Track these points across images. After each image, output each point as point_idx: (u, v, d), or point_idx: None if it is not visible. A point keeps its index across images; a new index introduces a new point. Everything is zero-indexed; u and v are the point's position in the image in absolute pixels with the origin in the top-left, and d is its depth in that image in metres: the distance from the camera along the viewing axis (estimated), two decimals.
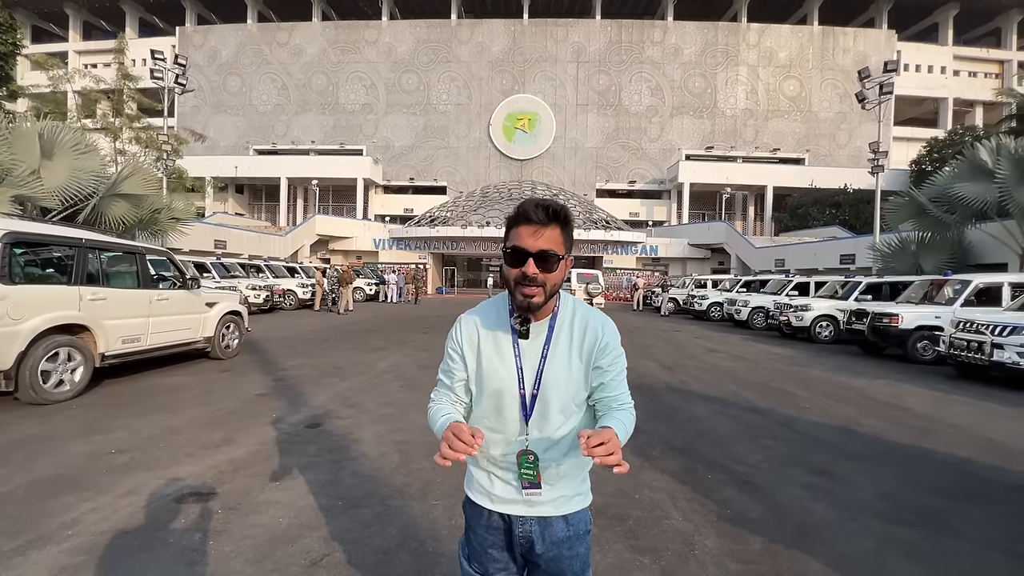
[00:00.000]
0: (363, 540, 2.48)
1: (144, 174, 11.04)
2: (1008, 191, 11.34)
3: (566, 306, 1.14)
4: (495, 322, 1.13)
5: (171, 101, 20.64)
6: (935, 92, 38.60)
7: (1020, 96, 21.67)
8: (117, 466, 3.33)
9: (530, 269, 1.01)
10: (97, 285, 5.38)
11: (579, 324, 1.12)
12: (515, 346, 1.10)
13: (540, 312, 1.09)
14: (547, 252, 1.01)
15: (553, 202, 1.05)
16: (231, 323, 7.63)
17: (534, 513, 1.12)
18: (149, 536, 2.46)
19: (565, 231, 1.06)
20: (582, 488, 1.16)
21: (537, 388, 1.08)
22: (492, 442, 1.12)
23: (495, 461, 1.14)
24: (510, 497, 1.12)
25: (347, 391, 5.68)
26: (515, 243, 1.04)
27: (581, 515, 1.15)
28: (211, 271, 14.29)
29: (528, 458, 1.08)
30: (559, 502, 1.12)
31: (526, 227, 1.03)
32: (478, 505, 1.16)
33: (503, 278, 1.09)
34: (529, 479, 1.08)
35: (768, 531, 2.68)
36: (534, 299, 1.03)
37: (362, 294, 22.25)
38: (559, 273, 1.05)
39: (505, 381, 1.09)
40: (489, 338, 1.12)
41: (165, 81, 19.42)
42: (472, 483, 1.19)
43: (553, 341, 1.10)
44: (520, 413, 1.09)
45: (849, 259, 21.29)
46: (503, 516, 1.14)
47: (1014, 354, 6.73)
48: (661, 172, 39.13)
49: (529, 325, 1.07)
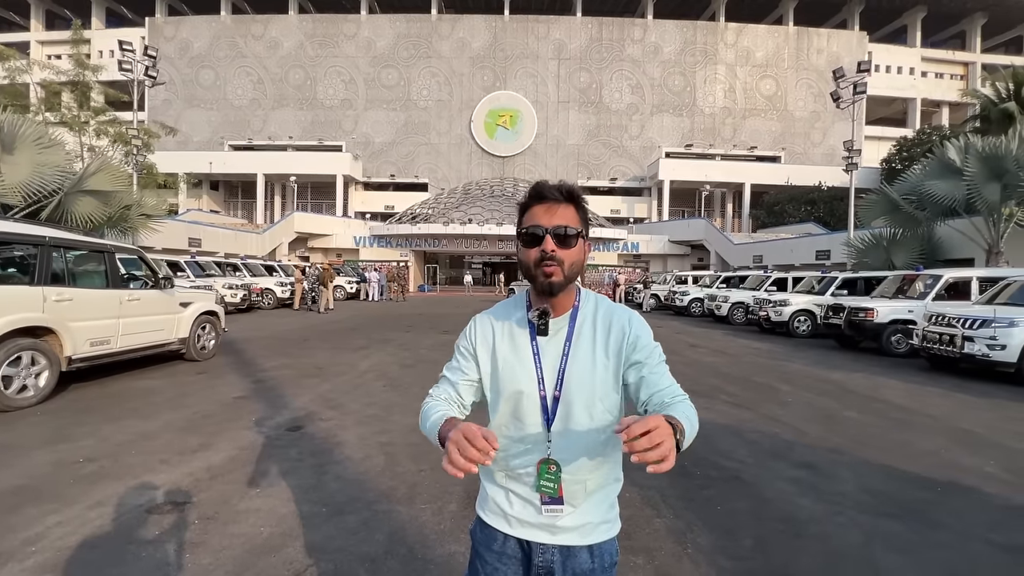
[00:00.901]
0: (349, 548, 2.39)
1: (112, 169, 10.62)
2: (976, 188, 11.72)
3: (588, 301, 1.06)
4: (512, 320, 1.06)
5: (141, 94, 19.93)
6: (904, 92, 39.78)
7: (984, 97, 22.45)
8: (85, 475, 3.16)
9: (548, 245, 0.95)
10: (63, 285, 5.13)
11: (603, 318, 1.03)
12: (534, 343, 1.02)
13: (559, 307, 1.02)
14: (564, 228, 0.97)
15: (567, 182, 1.02)
16: (207, 323, 7.39)
17: (557, 541, 1.00)
18: (120, 550, 2.33)
19: (580, 210, 1.01)
20: (610, 515, 1.04)
21: (559, 389, 0.99)
22: (512, 453, 1.02)
23: (514, 475, 1.02)
24: (530, 519, 1.01)
25: (329, 392, 5.55)
26: (531, 223, 0.99)
27: (608, 546, 1.02)
28: (185, 270, 13.89)
29: (549, 468, 0.98)
30: (585, 529, 1.00)
31: (540, 206, 0.99)
32: (492, 528, 1.04)
33: (520, 265, 1.02)
34: (549, 492, 0.98)
35: (758, 526, 2.68)
36: (554, 278, 0.96)
37: (343, 292, 21.91)
38: (578, 251, 0.99)
39: (524, 382, 1.00)
40: (505, 337, 1.05)
41: (134, 73, 18.74)
42: (486, 503, 1.06)
43: (575, 337, 1.02)
44: (541, 417, 1.00)
45: (824, 255, 21.81)
46: (521, 543, 1.02)
47: (983, 346, 6.94)
48: (642, 169, 39.50)
49: (548, 319, 0.99)
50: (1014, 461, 3.76)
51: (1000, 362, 6.79)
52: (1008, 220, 12.29)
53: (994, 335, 6.85)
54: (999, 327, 6.84)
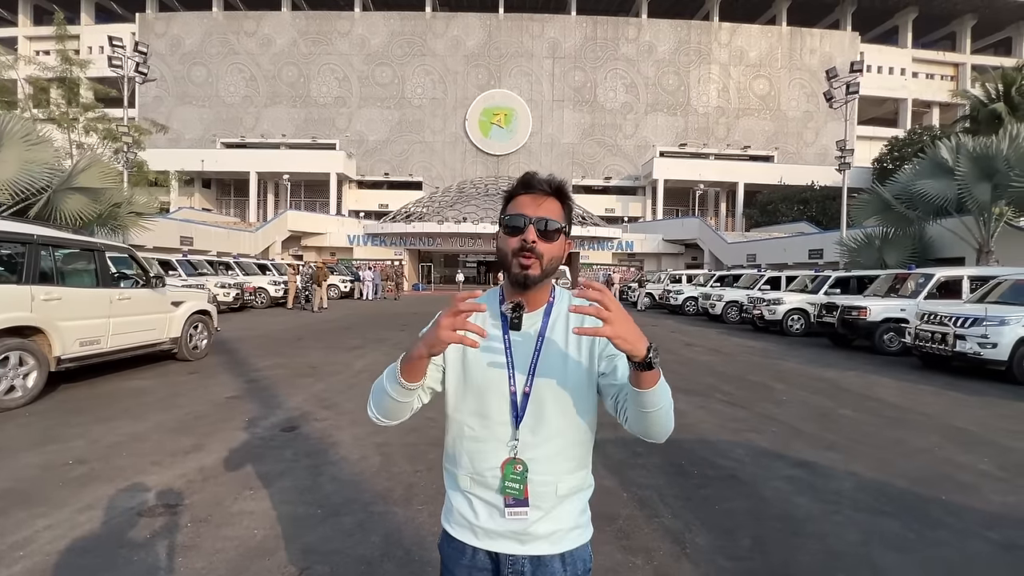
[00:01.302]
0: (345, 550, 2.36)
1: (102, 166, 10.48)
2: (968, 188, 11.82)
3: (562, 297, 1.04)
4: (484, 313, 1.01)
5: (131, 91, 19.69)
6: (895, 93, 40.09)
7: (974, 98, 22.69)
8: (75, 478, 3.11)
9: (530, 235, 0.93)
10: (51, 284, 5.05)
11: (576, 315, 1.00)
12: (506, 337, 0.99)
13: (534, 301, 0.99)
14: (548, 220, 0.95)
15: (554, 176, 1.00)
16: (199, 323, 7.31)
17: (527, 551, 0.95)
18: (111, 553, 2.29)
19: (565, 206, 0.99)
20: (582, 519, 1.00)
21: (530, 386, 0.95)
22: (478, 453, 0.97)
23: (481, 479, 0.96)
24: (498, 529, 0.96)
25: (323, 392, 5.50)
26: (515, 211, 0.97)
27: (580, 553, 0.98)
28: (177, 269, 13.75)
29: (515, 468, 0.93)
30: (555, 537, 0.96)
31: (526, 196, 0.97)
32: (459, 542, 0.99)
33: (498, 253, 0.99)
34: (514, 494, 0.93)
35: (756, 526, 2.68)
36: (530, 271, 0.93)
37: (337, 291, 21.78)
38: (558, 247, 0.97)
39: (493, 376, 0.96)
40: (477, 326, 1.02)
41: (124, 70, 18.51)
42: (451, 515, 1.01)
43: (548, 332, 0.98)
44: (510, 415, 0.95)
45: (817, 254, 21.95)
46: (490, 555, 0.97)
47: (975, 344, 7.00)
48: (636, 168, 39.56)
49: (522, 312, 0.94)
50: (1008, 459, 3.79)
51: (991, 360, 6.85)
52: (998, 220, 12.41)
53: (985, 333, 6.91)
54: (990, 325, 6.90)
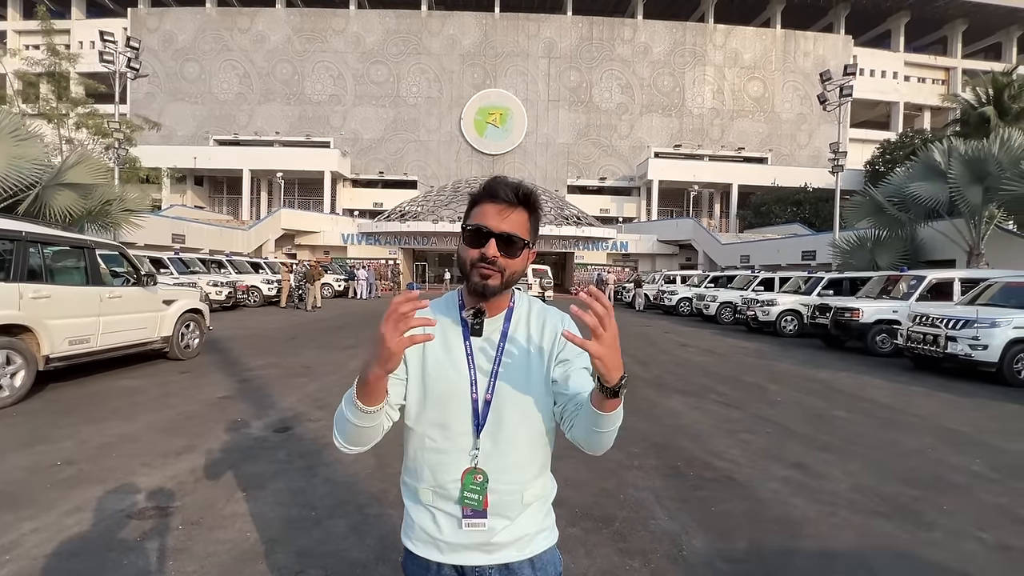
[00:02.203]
0: (339, 553, 2.34)
1: (92, 162, 10.34)
2: (959, 191, 11.94)
3: (522, 302, 1.01)
4: (445, 319, 0.98)
5: (123, 87, 19.46)
6: (888, 96, 40.45)
7: (964, 102, 22.96)
8: (63, 479, 3.05)
9: (491, 251, 0.88)
10: (40, 282, 4.98)
11: (536, 318, 0.99)
12: (467, 343, 0.95)
13: (494, 306, 0.96)
14: (511, 236, 0.90)
15: (523, 184, 0.94)
16: (191, 322, 7.23)
17: (494, 560, 0.92)
18: (100, 557, 2.25)
19: (532, 217, 0.95)
20: (546, 523, 0.98)
21: (491, 392, 0.93)
22: (439, 466, 0.93)
23: (443, 492, 0.93)
24: (463, 541, 0.92)
25: (317, 392, 5.46)
26: (477, 221, 0.91)
27: (548, 556, 0.97)
28: (169, 267, 13.60)
29: (475, 478, 0.90)
30: (522, 543, 0.94)
31: (491, 205, 0.91)
32: (422, 559, 0.94)
33: (458, 259, 0.95)
34: (472, 504, 0.90)
35: (752, 528, 2.68)
36: (489, 281, 0.90)
37: (331, 290, 21.67)
38: (520, 262, 0.92)
39: (455, 384, 0.93)
40: (438, 335, 0.96)
41: (116, 65, 18.28)
42: (412, 530, 0.96)
43: (509, 337, 0.96)
44: (471, 423, 0.92)
45: (810, 255, 22.08)
46: (456, 568, 0.94)
47: (966, 346, 7.07)
48: (631, 169, 39.65)
49: (483, 318, 0.92)
50: (999, 460, 3.82)
51: (982, 362, 6.92)
52: (989, 222, 12.55)
53: (976, 335, 6.98)
54: (981, 327, 6.98)
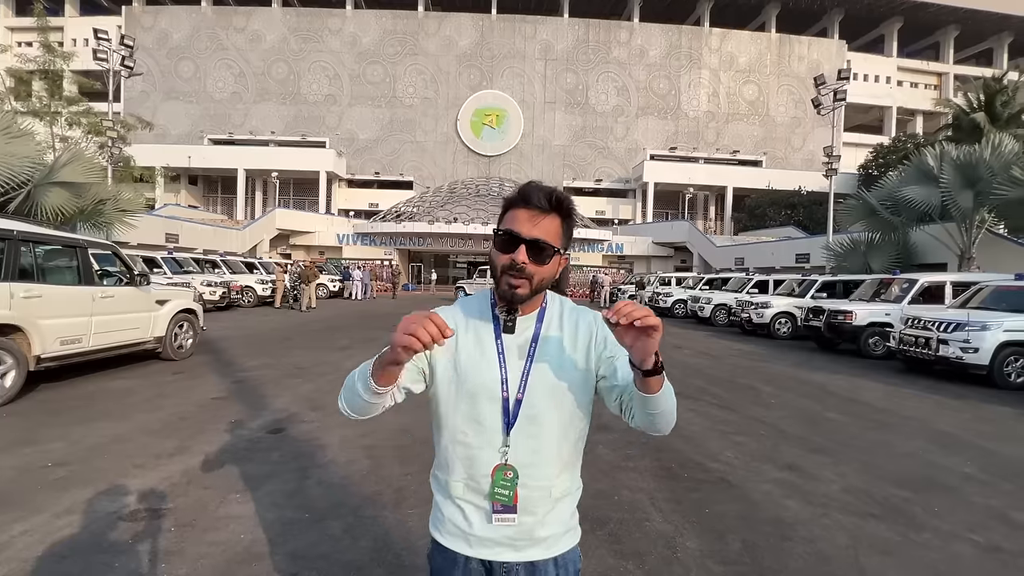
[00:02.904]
0: (333, 555, 2.33)
1: (85, 161, 10.24)
2: (951, 195, 12.06)
3: (554, 302, 1.02)
4: (477, 316, 1.00)
5: (116, 85, 19.34)
6: (881, 101, 40.80)
7: (957, 107, 23.21)
8: (54, 481, 3.03)
9: (520, 257, 0.89)
10: (31, 281, 4.94)
11: (569, 319, 1.00)
12: (498, 341, 0.96)
13: (527, 306, 0.97)
14: (542, 242, 0.90)
15: (558, 190, 0.94)
16: (184, 322, 7.19)
17: (522, 558, 0.94)
18: (90, 560, 2.23)
19: (565, 223, 0.95)
20: (572, 522, 1.01)
21: (522, 391, 0.93)
22: (471, 460, 0.95)
23: (475, 486, 0.95)
24: (493, 536, 0.94)
25: (312, 393, 5.43)
26: (509, 227, 0.92)
27: (571, 555, 0.99)
28: (162, 266, 13.52)
29: (505, 474, 0.92)
30: (550, 541, 0.96)
31: (524, 211, 0.92)
32: (450, 551, 0.96)
33: (490, 263, 0.97)
34: (503, 500, 0.91)
35: (746, 529, 2.69)
36: (518, 290, 0.91)
37: (325, 291, 21.59)
38: (551, 268, 0.93)
39: (485, 382, 0.94)
40: (470, 332, 0.98)
41: (110, 63, 18.17)
42: (442, 523, 0.98)
43: (542, 336, 0.97)
44: (501, 420, 0.93)
45: (804, 258, 22.23)
46: (484, 563, 0.95)
47: (957, 349, 7.14)
48: (627, 171, 39.77)
49: (515, 316, 0.93)
50: (990, 461, 3.86)
51: (973, 364, 6.99)
52: (980, 226, 12.67)
53: (967, 338, 7.05)
54: (972, 330, 7.04)
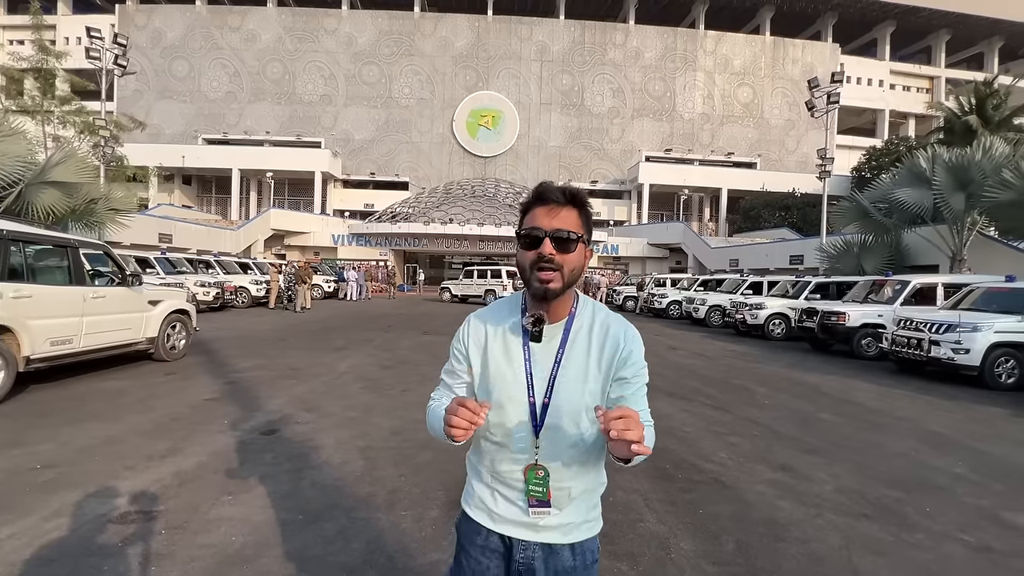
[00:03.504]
0: (326, 557, 2.31)
1: (77, 160, 10.18)
2: (943, 197, 12.16)
3: (585, 309, 1.05)
4: (506, 323, 1.05)
5: (110, 84, 19.19)
6: (874, 104, 41.14)
7: (948, 110, 23.42)
8: (42, 483, 2.99)
9: (546, 248, 0.94)
10: (21, 281, 4.88)
11: (599, 329, 1.02)
12: (526, 349, 1.01)
13: (555, 313, 1.01)
14: (564, 232, 0.95)
15: (570, 184, 1.02)
16: (177, 322, 7.13)
17: (538, 539, 1.02)
18: (80, 563, 2.20)
19: (583, 214, 1.00)
20: (592, 514, 1.06)
21: (549, 397, 0.99)
22: (499, 458, 1.03)
23: (501, 478, 1.03)
24: (513, 518, 1.02)
25: (306, 394, 5.40)
26: (531, 224, 0.98)
27: (589, 544, 1.05)
28: (155, 266, 13.40)
29: (537, 473, 0.99)
30: (567, 528, 1.02)
31: (542, 208, 0.98)
32: (475, 523, 1.06)
33: (519, 267, 1.01)
34: (538, 496, 0.99)
35: (740, 530, 2.69)
36: (551, 284, 0.94)
37: (320, 291, 21.50)
38: (577, 257, 0.98)
39: (513, 388, 1.00)
40: (498, 339, 1.04)
41: (103, 62, 18.03)
42: (471, 498, 1.08)
43: (569, 345, 1.00)
44: (530, 424, 0.99)
45: (798, 260, 22.35)
46: (503, 538, 1.04)
47: (948, 350, 7.20)
48: (622, 173, 39.88)
49: (542, 326, 0.97)
50: (981, 462, 3.89)
51: (964, 365, 7.04)
52: (971, 228, 12.79)
53: (959, 339, 7.11)
54: (963, 332, 7.10)
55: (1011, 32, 40.25)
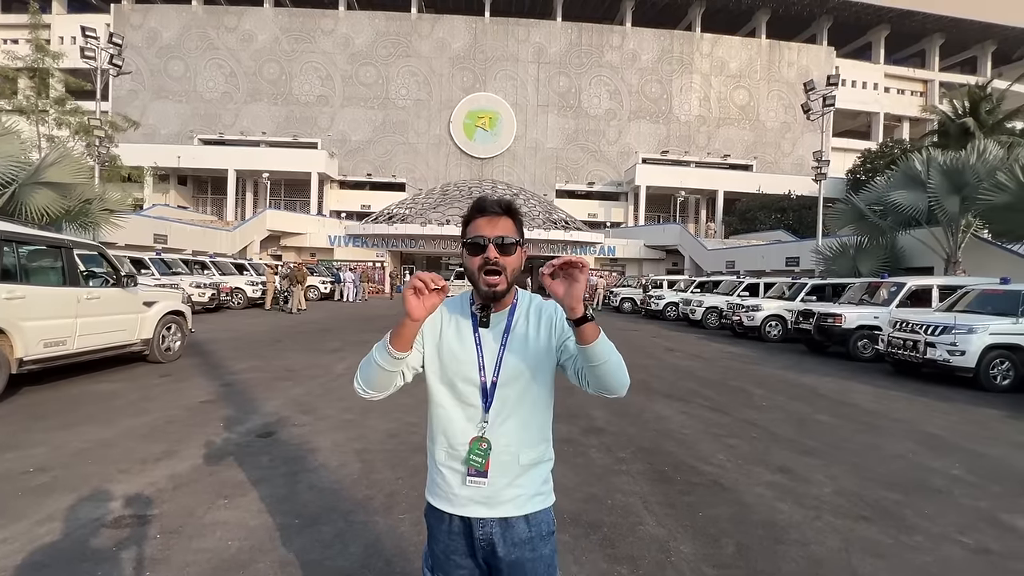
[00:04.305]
0: (323, 562, 2.29)
1: (72, 161, 10.08)
2: (938, 200, 12.23)
3: (523, 298, 1.20)
4: (459, 312, 1.18)
5: (104, 83, 19.08)
6: (868, 107, 41.37)
7: (942, 113, 23.61)
8: (36, 487, 2.95)
9: (491, 253, 1.07)
10: (14, 282, 4.83)
11: (535, 310, 1.17)
12: (476, 334, 1.14)
13: (500, 303, 1.14)
14: (505, 238, 1.09)
15: (503, 197, 1.17)
16: (172, 324, 7.09)
17: (494, 514, 1.10)
18: (73, 569, 2.17)
19: (516, 221, 1.14)
20: (543, 488, 1.15)
21: (497, 375, 1.11)
22: (452, 432, 1.12)
23: (454, 452, 1.12)
24: (468, 496, 1.11)
25: (302, 396, 5.37)
26: (474, 233, 1.11)
27: (543, 515, 1.14)
28: (150, 267, 13.32)
29: (481, 445, 1.09)
30: (519, 501, 1.11)
31: (482, 219, 1.11)
32: (439, 510, 1.14)
33: (466, 271, 1.13)
34: (476, 466, 1.08)
35: (740, 533, 2.69)
36: (498, 287, 1.08)
37: (317, 293, 21.42)
38: (517, 258, 1.12)
39: (465, 369, 1.11)
40: (452, 324, 1.16)
41: (98, 61, 17.93)
42: (433, 487, 1.17)
43: (512, 328, 1.14)
44: (480, 401, 1.11)
45: (794, 261, 22.42)
46: (464, 520, 1.12)
47: (944, 352, 7.23)
48: (619, 174, 39.94)
49: (489, 312, 1.10)
50: (977, 463, 3.90)
51: (959, 367, 7.07)
52: (966, 231, 12.86)
53: (954, 341, 7.14)
54: (959, 334, 7.14)
55: (1003, 36, 40.62)
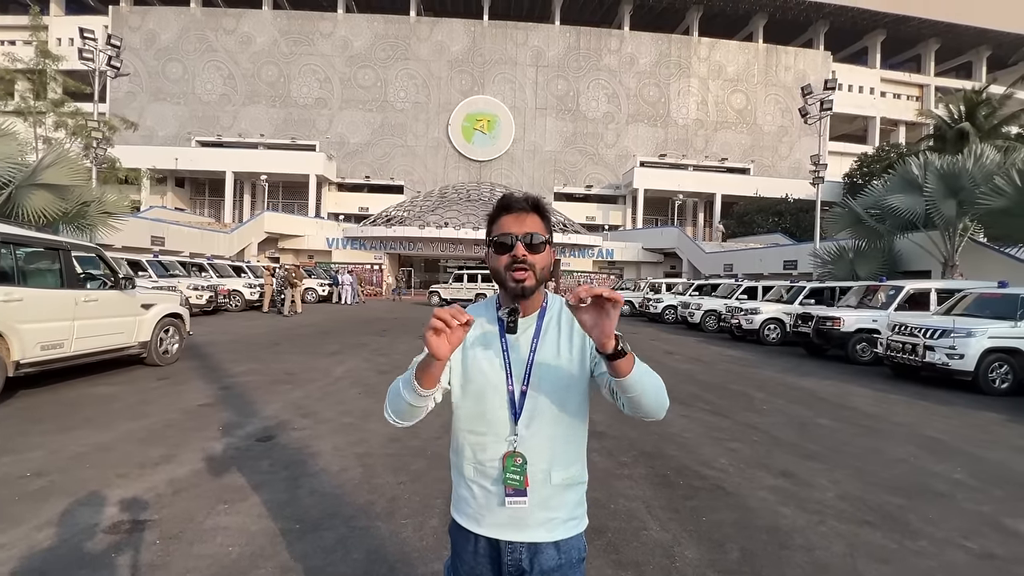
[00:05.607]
0: (325, 568, 2.27)
1: (69, 162, 10.04)
2: (935, 204, 12.28)
3: (554, 302, 1.13)
4: (484, 318, 1.11)
5: (102, 85, 19.04)
6: (865, 111, 41.64)
7: (938, 117, 23.75)
8: (33, 492, 2.92)
9: (519, 250, 1.02)
10: (11, 284, 4.80)
11: (567, 316, 1.10)
12: (503, 340, 1.08)
13: (528, 307, 1.08)
14: (533, 236, 1.04)
15: (530, 194, 1.11)
16: (170, 326, 7.04)
17: (524, 538, 1.04)
18: (71, 575, 2.14)
19: (545, 219, 1.10)
20: (577, 512, 1.08)
21: (527, 384, 1.04)
22: (480, 446, 1.06)
23: (482, 469, 1.06)
24: (498, 519, 1.04)
25: (301, 399, 5.34)
26: (501, 231, 1.06)
27: (574, 542, 1.07)
28: (148, 270, 13.28)
29: (515, 460, 1.02)
30: (551, 525, 1.04)
31: (509, 216, 1.07)
32: (465, 529, 1.08)
33: (491, 269, 1.08)
34: (514, 485, 1.01)
35: (744, 538, 2.67)
36: (526, 282, 1.02)
37: (314, 295, 21.37)
38: (545, 256, 1.06)
39: (492, 377, 1.05)
40: (477, 332, 1.09)
41: (96, 63, 17.89)
42: (459, 504, 1.11)
43: (542, 334, 1.08)
44: (509, 412, 1.04)
45: (792, 265, 22.49)
46: (491, 542, 1.06)
47: (943, 355, 7.24)
48: (617, 177, 40.05)
49: (517, 317, 1.01)
50: (979, 467, 3.90)
51: (958, 370, 7.08)
52: (963, 234, 12.92)
53: (953, 345, 7.15)
54: (957, 337, 7.15)
55: (999, 42, 40.92)
